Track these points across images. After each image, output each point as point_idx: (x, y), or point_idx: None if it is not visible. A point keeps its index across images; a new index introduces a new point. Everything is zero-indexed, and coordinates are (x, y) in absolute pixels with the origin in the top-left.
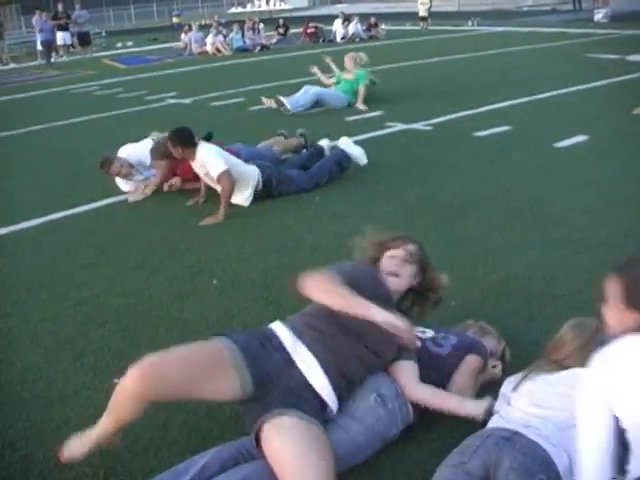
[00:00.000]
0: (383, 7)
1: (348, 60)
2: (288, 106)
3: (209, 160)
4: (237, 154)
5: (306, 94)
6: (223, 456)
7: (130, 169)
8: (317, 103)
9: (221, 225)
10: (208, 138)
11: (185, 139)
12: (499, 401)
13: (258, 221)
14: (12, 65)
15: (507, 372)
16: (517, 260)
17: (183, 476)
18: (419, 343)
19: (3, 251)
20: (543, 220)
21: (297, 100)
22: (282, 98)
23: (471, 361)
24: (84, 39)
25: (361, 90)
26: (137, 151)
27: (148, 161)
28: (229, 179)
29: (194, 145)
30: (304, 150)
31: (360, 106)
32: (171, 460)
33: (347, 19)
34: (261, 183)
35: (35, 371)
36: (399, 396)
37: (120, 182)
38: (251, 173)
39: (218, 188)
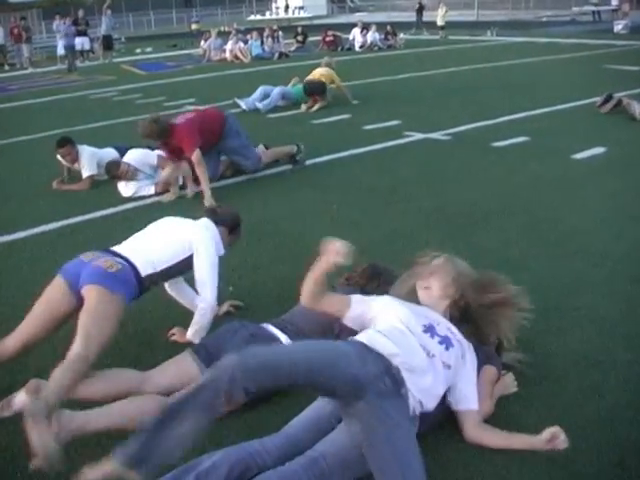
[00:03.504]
0: (401, 16)
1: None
2: (244, 106)
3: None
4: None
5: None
6: (232, 459)
7: (135, 171)
8: (283, 97)
9: None
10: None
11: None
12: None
13: (274, 229)
14: (31, 69)
15: (521, 380)
16: (534, 271)
17: (186, 475)
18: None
19: (21, 254)
20: (560, 232)
21: (253, 100)
22: (238, 100)
23: (488, 372)
24: (107, 44)
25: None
26: (142, 154)
27: (151, 164)
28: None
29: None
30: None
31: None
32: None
33: (365, 28)
34: None
35: (50, 374)
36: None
37: (122, 187)
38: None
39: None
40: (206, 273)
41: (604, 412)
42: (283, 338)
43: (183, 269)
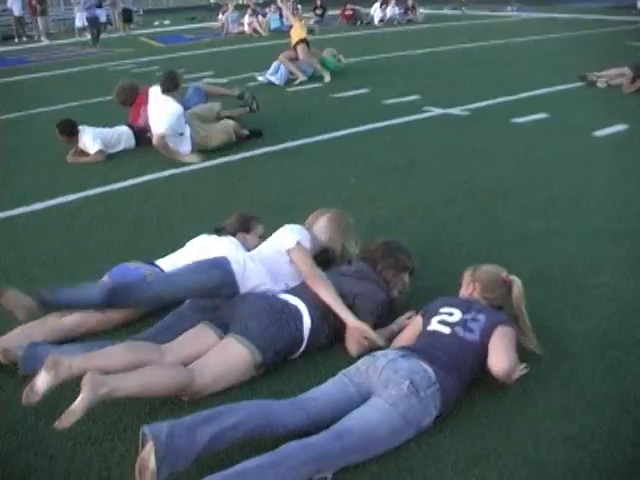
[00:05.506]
0: None
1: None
2: (260, 78)
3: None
4: None
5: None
6: (251, 424)
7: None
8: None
9: (256, 207)
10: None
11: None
12: None
13: (292, 204)
14: (46, 42)
15: (538, 358)
16: (554, 249)
17: (206, 426)
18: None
19: (39, 226)
20: (581, 209)
21: (268, 74)
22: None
23: (503, 330)
24: (127, 16)
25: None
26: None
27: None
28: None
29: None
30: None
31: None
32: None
33: (385, 2)
34: None
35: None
36: (432, 384)
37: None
38: None
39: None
40: None
41: (623, 391)
42: (301, 306)
43: None
